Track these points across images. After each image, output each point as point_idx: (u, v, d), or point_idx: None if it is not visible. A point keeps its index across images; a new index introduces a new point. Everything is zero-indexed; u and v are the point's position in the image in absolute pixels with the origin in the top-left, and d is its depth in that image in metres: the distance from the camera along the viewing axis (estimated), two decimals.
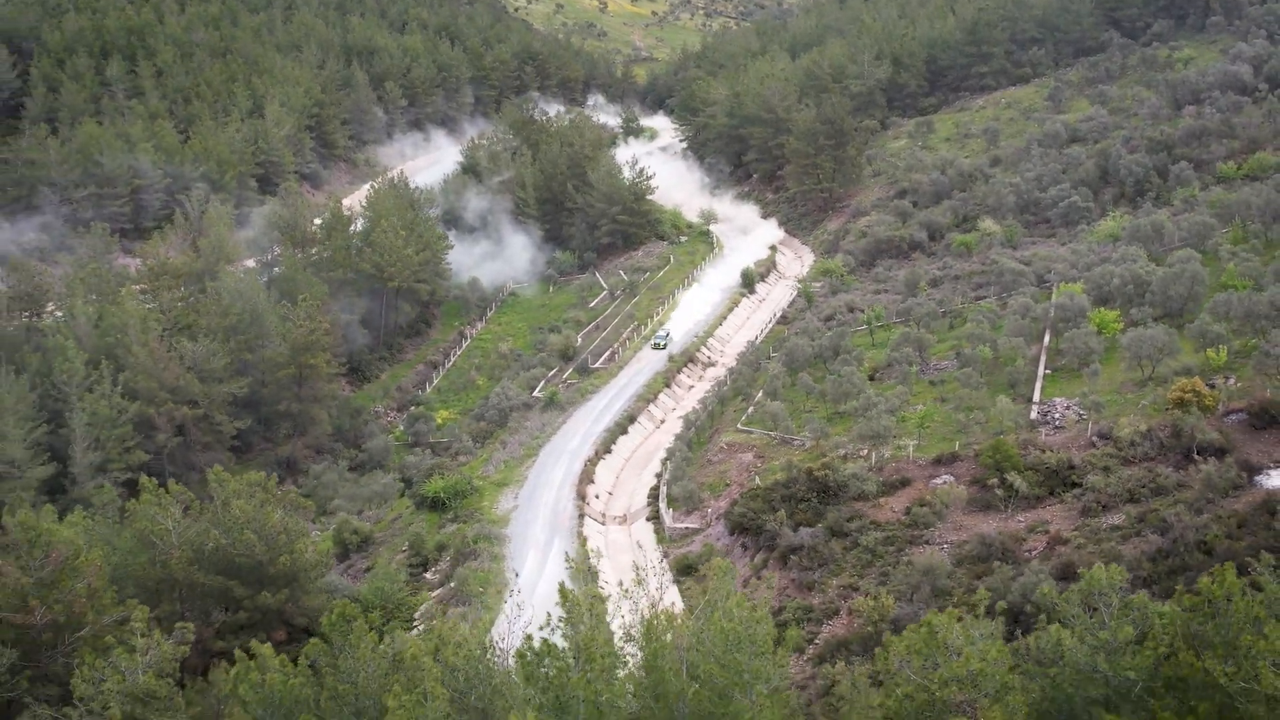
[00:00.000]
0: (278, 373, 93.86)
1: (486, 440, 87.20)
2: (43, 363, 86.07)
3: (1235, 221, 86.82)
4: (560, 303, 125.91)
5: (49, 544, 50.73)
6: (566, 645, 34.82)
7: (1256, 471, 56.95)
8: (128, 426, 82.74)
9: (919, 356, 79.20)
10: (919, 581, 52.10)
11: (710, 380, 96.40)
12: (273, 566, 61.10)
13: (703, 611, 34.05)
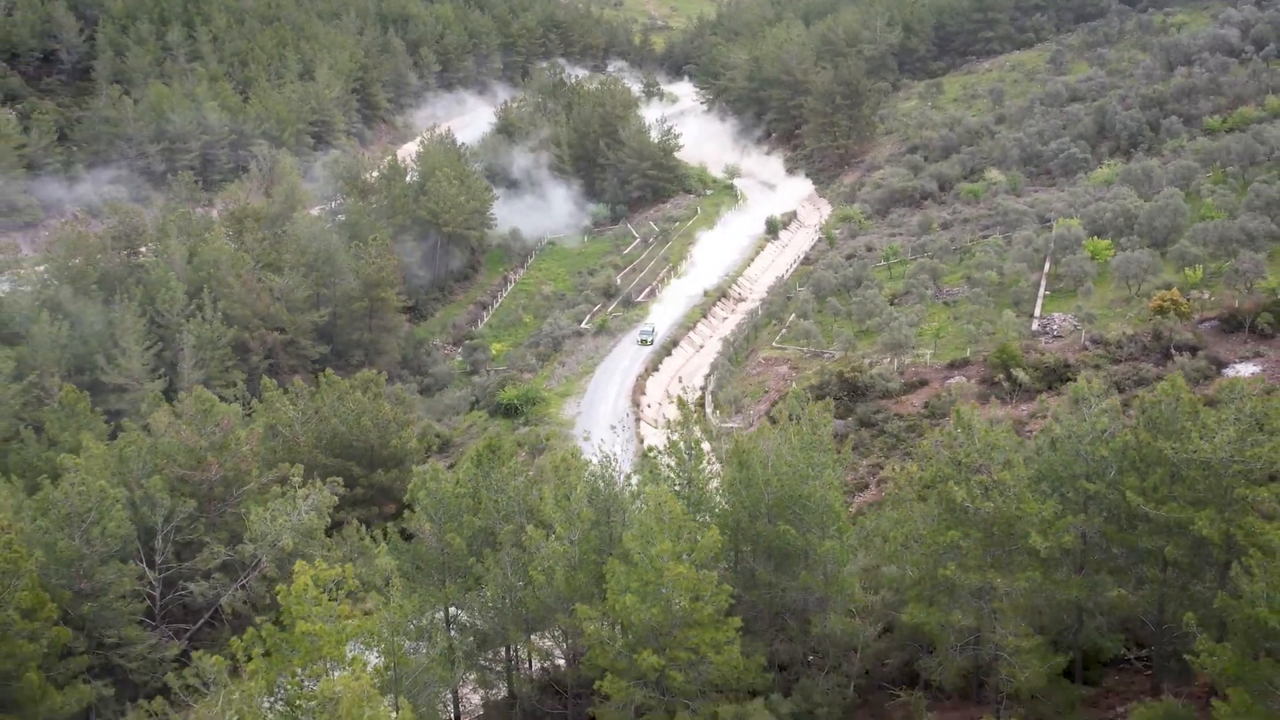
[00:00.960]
0: (352, 305, 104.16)
1: (546, 361, 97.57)
2: (145, 294, 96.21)
3: (1215, 165, 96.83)
4: (595, 251, 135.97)
5: (218, 415, 61.33)
6: (671, 463, 45.54)
7: (1224, 365, 67.52)
8: (227, 349, 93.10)
9: (933, 283, 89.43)
10: (936, 449, 62.40)
11: (742, 313, 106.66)
12: (384, 450, 71.71)
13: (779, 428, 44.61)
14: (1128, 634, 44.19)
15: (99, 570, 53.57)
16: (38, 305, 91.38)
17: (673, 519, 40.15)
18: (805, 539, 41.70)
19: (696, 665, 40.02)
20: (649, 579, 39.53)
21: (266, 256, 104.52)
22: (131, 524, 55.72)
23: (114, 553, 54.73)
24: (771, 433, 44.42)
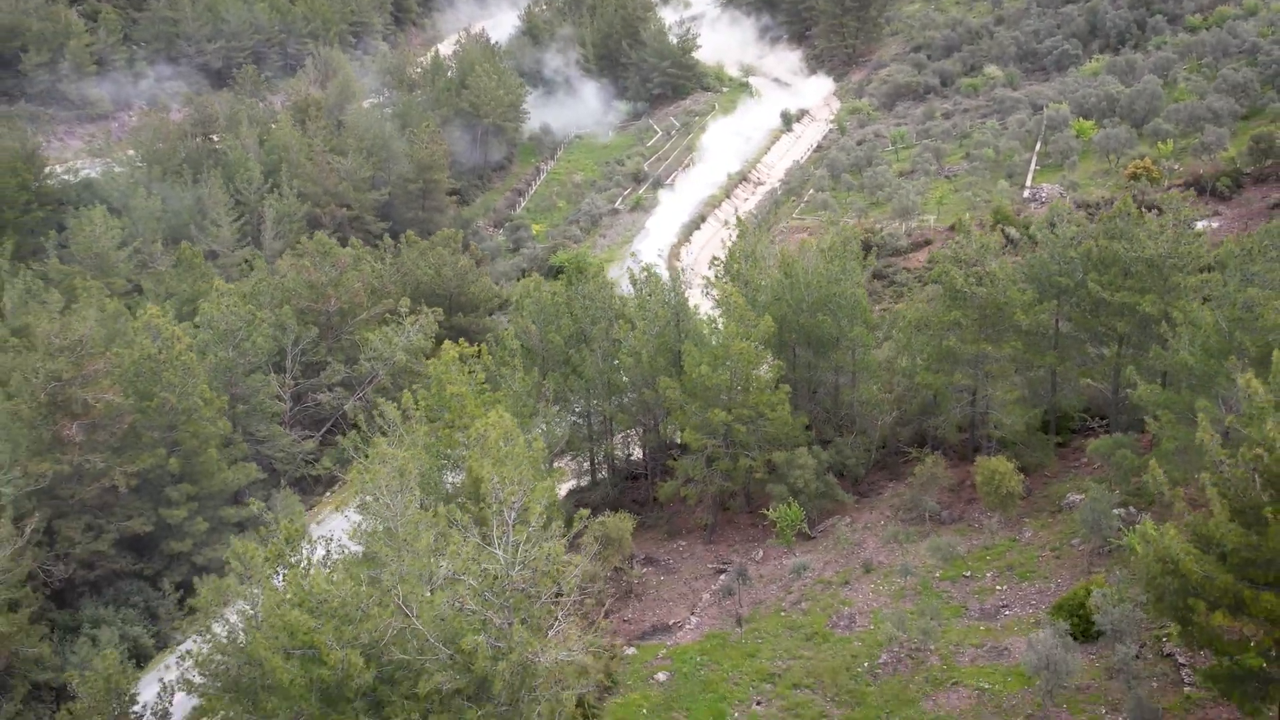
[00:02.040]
0: (407, 187, 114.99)
1: (588, 234, 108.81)
2: (224, 174, 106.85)
3: (1192, 57, 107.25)
4: (620, 144, 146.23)
5: (335, 256, 72.74)
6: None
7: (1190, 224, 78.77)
8: (301, 222, 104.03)
9: (936, 161, 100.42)
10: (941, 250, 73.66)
11: (761, 195, 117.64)
12: (462, 296, 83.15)
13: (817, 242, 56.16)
14: (1089, 409, 56.10)
15: (248, 379, 65.44)
16: (133, 183, 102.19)
17: (737, 307, 51.88)
18: (838, 327, 53.46)
19: (755, 421, 51.96)
20: (719, 354, 51.36)
21: (329, 143, 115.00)
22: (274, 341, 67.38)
23: (258, 365, 66.56)
24: (811, 246, 55.97)
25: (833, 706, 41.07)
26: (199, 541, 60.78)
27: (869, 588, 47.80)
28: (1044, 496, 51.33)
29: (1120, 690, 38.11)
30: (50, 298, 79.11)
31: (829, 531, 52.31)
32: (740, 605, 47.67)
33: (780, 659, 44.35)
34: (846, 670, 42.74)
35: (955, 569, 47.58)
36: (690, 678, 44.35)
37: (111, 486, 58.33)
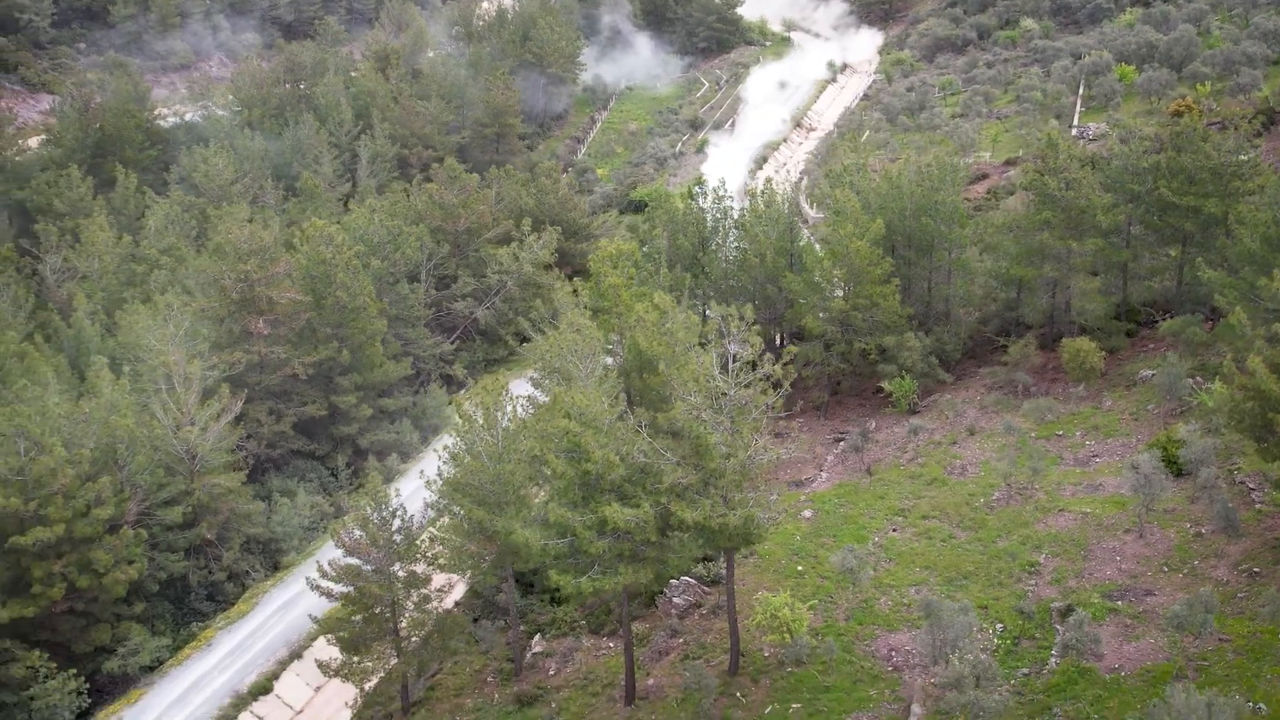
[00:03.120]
0: (483, 131, 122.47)
1: (659, 173, 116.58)
2: (316, 119, 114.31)
3: (1222, 8, 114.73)
4: (670, 95, 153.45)
5: (464, 180, 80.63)
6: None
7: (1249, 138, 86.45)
8: (392, 161, 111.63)
9: (985, 104, 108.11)
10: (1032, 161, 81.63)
11: (815, 140, 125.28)
12: (563, 220, 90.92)
13: (918, 158, 64.11)
14: (1152, 304, 64.15)
15: (396, 287, 73.51)
16: (235, 125, 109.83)
17: (853, 210, 59.95)
18: (939, 229, 61.52)
19: (868, 310, 60.09)
20: (838, 251, 59.44)
21: (409, 89, 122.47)
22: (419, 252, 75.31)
23: (405, 274, 74.62)
24: (914, 159, 63.96)
25: (958, 530, 49.44)
26: (363, 426, 69.02)
27: (975, 445, 56.12)
28: (1119, 374, 59.53)
29: (1201, 510, 46.48)
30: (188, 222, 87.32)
31: (932, 406, 60.60)
32: (865, 461, 56.00)
33: (906, 499, 52.72)
34: (966, 504, 51.11)
35: (1048, 429, 55.88)
36: (832, 514, 52.75)
37: (291, 375, 66.54)
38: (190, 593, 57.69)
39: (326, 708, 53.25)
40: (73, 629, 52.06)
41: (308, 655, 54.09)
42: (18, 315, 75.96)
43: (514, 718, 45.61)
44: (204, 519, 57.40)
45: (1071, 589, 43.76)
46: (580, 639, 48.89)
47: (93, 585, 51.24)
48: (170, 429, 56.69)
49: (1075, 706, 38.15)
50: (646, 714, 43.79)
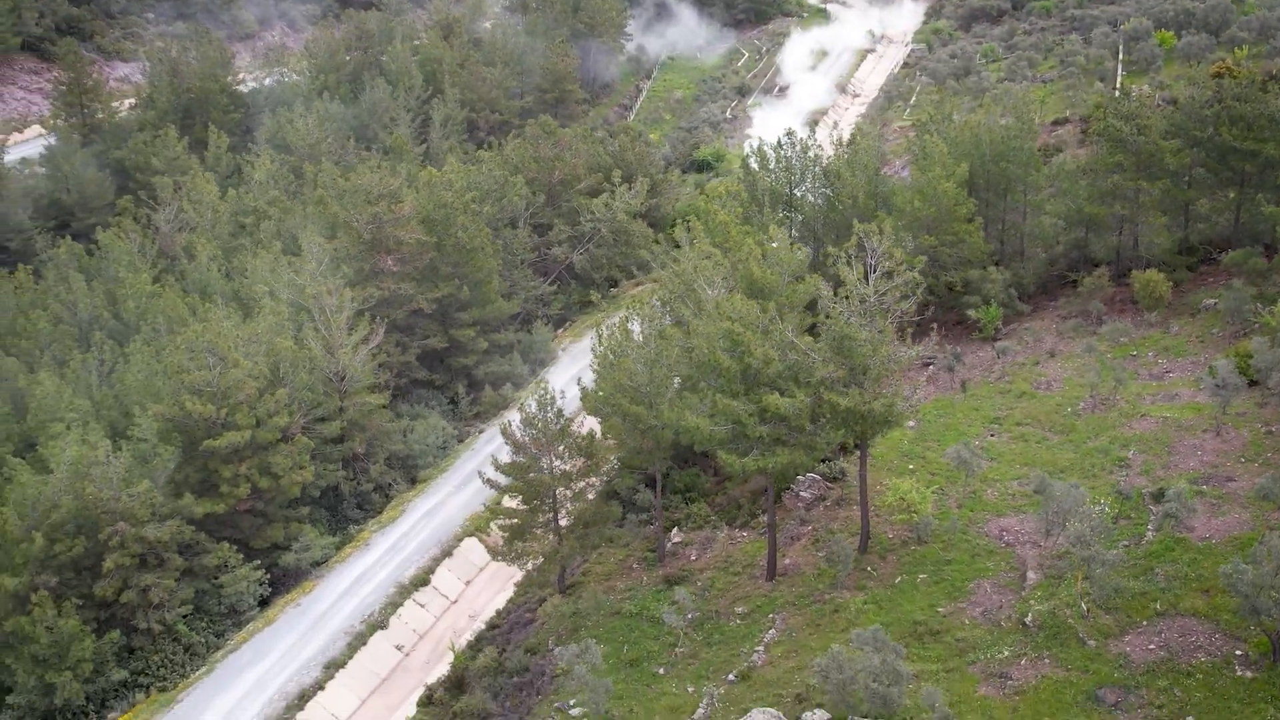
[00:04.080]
0: (544, 96, 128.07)
1: (715, 135, 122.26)
2: (386, 84, 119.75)
3: None
4: (710, 65, 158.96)
5: (557, 134, 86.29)
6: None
7: None
8: (461, 124, 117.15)
9: (1029, 70, 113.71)
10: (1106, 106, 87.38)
11: (860, 105, 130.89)
12: (636, 166, 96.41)
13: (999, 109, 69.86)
14: (1210, 242, 69.86)
15: (504, 231, 79.31)
16: (312, 89, 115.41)
17: (940, 155, 65.72)
18: (1015, 173, 67.31)
19: (955, 245, 65.90)
20: (927, 191, 65.18)
21: (474, 56, 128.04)
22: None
23: (510, 219, 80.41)
24: (993, 110, 69.75)
25: (1051, 434, 55.43)
26: (479, 359, 74.98)
27: (1057, 365, 62.08)
28: (1183, 304, 65.37)
29: (1271, 413, 52.48)
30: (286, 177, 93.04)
31: (1012, 333, 66.54)
32: (958, 379, 61.99)
33: (1000, 410, 58.72)
34: (1055, 412, 57.11)
35: (1123, 350, 61.82)
36: (933, 423, 58.77)
37: (416, 310, 72.42)
38: (343, 501, 63.73)
39: (477, 599, 59.42)
40: (252, 527, 58.08)
41: (457, 554, 60.24)
42: (144, 261, 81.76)
43: (664, 595, 51.62)
44: (354, 435, 63.36)
45: (1160, 478, 49.74)
46: (715, 531, 54.88)
47: (271, 487, 57.25)
48: (323, 353, 62.56)
49: (1173, 568, 44.22)
50: (787, 587, 49.88)
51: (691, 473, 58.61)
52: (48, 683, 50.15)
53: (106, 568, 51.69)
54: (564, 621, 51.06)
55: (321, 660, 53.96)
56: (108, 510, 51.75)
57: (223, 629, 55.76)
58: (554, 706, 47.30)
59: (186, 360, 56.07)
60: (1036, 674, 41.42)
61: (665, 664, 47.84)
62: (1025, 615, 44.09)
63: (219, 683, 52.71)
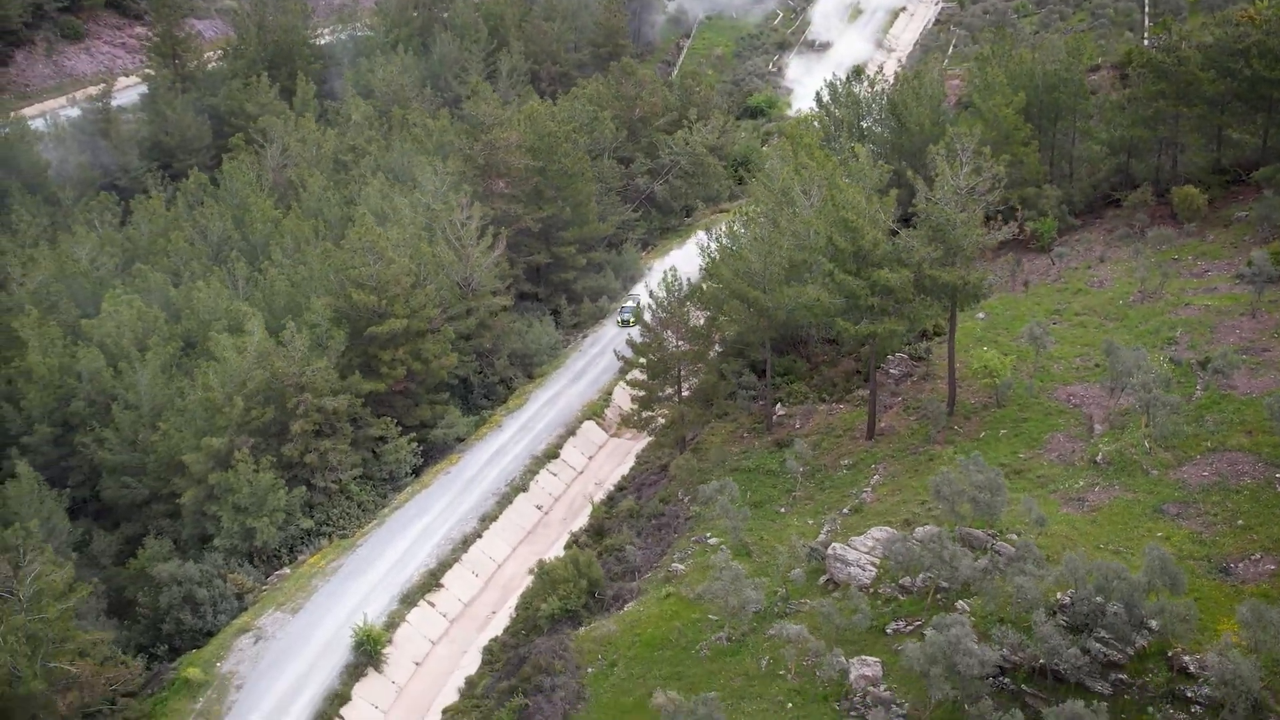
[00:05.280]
0: (599, 50, 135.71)
1: (764, 85, 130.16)
2: (454, 36, 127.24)
3: None
4: (746, 24, 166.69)
5: (639, 76, 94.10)
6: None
7: None
8: (526, 75, 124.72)
9: (1062, 19, 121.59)
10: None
11: (895, 59, 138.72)
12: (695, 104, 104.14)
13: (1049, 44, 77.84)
14: (1239, 165, 77.83)
15: (597, 160, 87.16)
16: (386, 43, 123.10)
17: (1000, 85, 73.69)
18: (1066, 102, 75.33)
19: (1014, 166, 73.90)
20: (989, 118, 73.19)
21: (532, 11, 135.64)
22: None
23: (602, 150, 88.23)
24: (1045, 45, 77.73)
25: (1106, 321, 63.65)
26: (578, 274, 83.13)
27: (1107, 268, 70.30)
28: (1217, 217, 73.44)
29: None
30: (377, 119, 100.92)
31: (1065, 244, 74.71)
32: (1019, 280, 70.24)
33: (1059, 304, 66.93)
34: (1109, 304, 65.35)
35: (1165, 255, 70.00)
36: (1000, 315, 67.00)
37: (523, 229, 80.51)
38: (473, 391, 72.12)
39: (600, 470, 67.86)
40: (404, 406, 66.45)
41: (579, 433, 68.77)
42: (261, 190, 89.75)
43: (776, 455, 60.02)
44: (482, 333, 71.59)
45: (1204, 350, 57.96)
46: (814, 405, 63.24)
47: (421, 371, 65.57)
48: (454, 259, 70.77)
49: (1220, 415, 52.62)
50: (885, 444, 58.29)
51: (789, 359, 66.79)
52: (248, 527, 58.50)
53: (293, 432, 60.00)
54: (692, 474, 59.42)
55: (476, 515, 62.45)
56: (293, 383, 60.01)
57: (384, 492, 64.18)
58: (692, 540, 55.76)
59: (350, 258, 64.21)
60: (1108, 497, 49.87)
61: (785, 505, 56.31)
62: (1095, 455, 52.51)
63: (391, 531, 61.20)
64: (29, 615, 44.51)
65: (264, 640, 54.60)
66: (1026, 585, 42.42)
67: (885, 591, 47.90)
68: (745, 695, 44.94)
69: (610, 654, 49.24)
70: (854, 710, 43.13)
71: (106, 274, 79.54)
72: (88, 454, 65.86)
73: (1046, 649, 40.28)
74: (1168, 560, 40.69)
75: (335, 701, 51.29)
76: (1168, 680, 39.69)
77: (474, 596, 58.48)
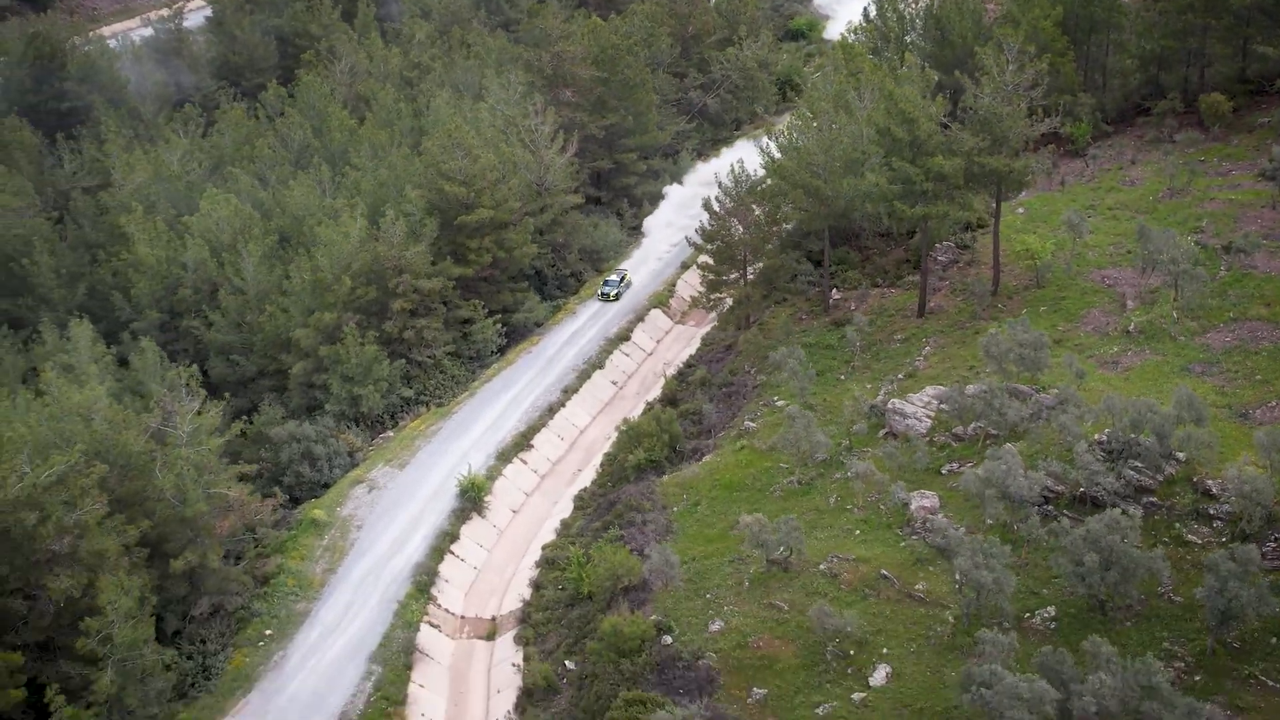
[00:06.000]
0: None
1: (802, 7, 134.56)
2: None
3: None
4: None
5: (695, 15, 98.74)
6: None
7: None
8: None
9: None
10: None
11: None
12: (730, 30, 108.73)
13: None
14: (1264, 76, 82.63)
15: (655, 75, 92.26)
16: None
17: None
18: (1101, 14, 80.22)
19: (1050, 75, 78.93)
20: (1027, 30, 78.09)
21: None
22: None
23: (659, 65, 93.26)
24: None
25: (1137, 214, 69.08)
26: (638, 180, 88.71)
27: (1138, 169, 75.62)
28: (1242, 124, 78.43)
29: None
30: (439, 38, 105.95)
31: (1098, 147, 79.97)
32: (1054, 180, 75.68)
33: (1093, 200, 72.38)
34: (1140, 200, 70.81)
35: (1192, 156, 75.22)
36: (1039, 210, 72.51)
37: (588, 136, 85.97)
38: (547, 282, 78.14)
39: (668, 352, 74.03)
40: (489, 291, 72.56)
41: (647, 319, 74.95)
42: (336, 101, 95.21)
43: (834, 332, 65.99)
44: (556, 228, 77.43)
45: (1229, 237, 63.52)
46: (867, 290, 69.06)
47: (505, 258, 71.59)
48: (530, 158, 76.42)
49: (1242, 290, 58.36)
50: (935, 321, 64.18)
51: (842, 250, 72.54)
52: (355, 395, 64.85)
53: (393, 310, 66.18)
54: (759, 348, 65.51)
55: (558, 387, 68.84)
56: (393, 265, 66.05)
57: (473, 368, 70.48)
58: (760, 404, 61.97)
59: (440, 154, 69.98)
60: (1140, 360, 55.84)
61: (844, 373, 62.42)
62: (1128, 326, 58.40)
63: (482, 401, 67.63)
64: (190, 448, 50.90)
65: (377, 490, 61.13)
66: (1069, 423, 48.54)
67: (940, 440, 54.02)
68: (817, 526, 51.16)
69: (693, 495, 55.60)
70: (914, 534, 49.29)
71: (197, 178, 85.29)
72: (196, 336, 71.97)
73: (1086, 475, 46.41)
74: (1194, 398, 46.72)
75: (445, 539, 57.86)
76: (1193, 501, 45.70)
77: (560, 457, 64.92)
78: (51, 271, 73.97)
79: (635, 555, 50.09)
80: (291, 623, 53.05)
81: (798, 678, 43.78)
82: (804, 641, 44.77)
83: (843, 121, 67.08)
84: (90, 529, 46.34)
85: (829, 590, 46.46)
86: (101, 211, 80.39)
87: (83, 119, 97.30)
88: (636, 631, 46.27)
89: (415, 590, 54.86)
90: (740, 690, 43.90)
